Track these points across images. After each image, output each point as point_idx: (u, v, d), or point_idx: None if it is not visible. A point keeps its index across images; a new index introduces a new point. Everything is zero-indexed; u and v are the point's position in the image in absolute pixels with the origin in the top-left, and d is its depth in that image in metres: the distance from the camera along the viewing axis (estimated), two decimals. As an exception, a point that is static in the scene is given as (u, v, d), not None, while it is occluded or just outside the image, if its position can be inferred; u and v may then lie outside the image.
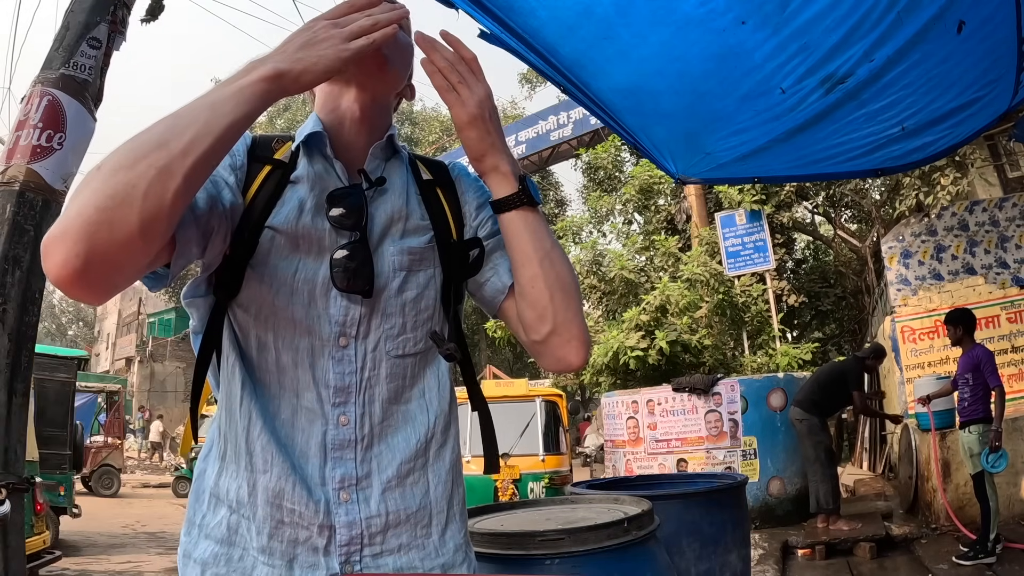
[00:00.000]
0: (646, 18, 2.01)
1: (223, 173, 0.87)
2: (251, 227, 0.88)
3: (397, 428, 0.91)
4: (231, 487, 0.88)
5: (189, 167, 0.69)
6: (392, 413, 0.91)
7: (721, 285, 9.77)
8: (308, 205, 0.90)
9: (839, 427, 12.04)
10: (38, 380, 6.74)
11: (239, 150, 0.91)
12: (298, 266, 0.88)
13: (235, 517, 0.87)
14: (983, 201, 7.40)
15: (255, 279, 0.87)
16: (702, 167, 3.08)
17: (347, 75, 0.91)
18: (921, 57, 2.21)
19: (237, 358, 0.89)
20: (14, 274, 1.77)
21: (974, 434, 4.46)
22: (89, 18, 1.93)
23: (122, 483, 13.81)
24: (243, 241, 0.87)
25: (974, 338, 4.70)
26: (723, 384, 6.44)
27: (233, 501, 0.87)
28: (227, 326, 0.90)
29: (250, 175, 0.91)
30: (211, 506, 0.90)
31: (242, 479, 0.87)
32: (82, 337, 46.14)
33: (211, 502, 0.90)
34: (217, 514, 0.89)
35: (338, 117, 0.95)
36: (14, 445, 1.69)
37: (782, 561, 5.01)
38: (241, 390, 0.88)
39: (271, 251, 0.88)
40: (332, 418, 0.88)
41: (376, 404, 0.90)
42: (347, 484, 0.87)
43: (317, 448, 0.87)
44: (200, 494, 0.91)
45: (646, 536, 1.74)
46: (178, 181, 0.68)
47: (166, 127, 0.71)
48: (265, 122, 26.72)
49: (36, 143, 1.81)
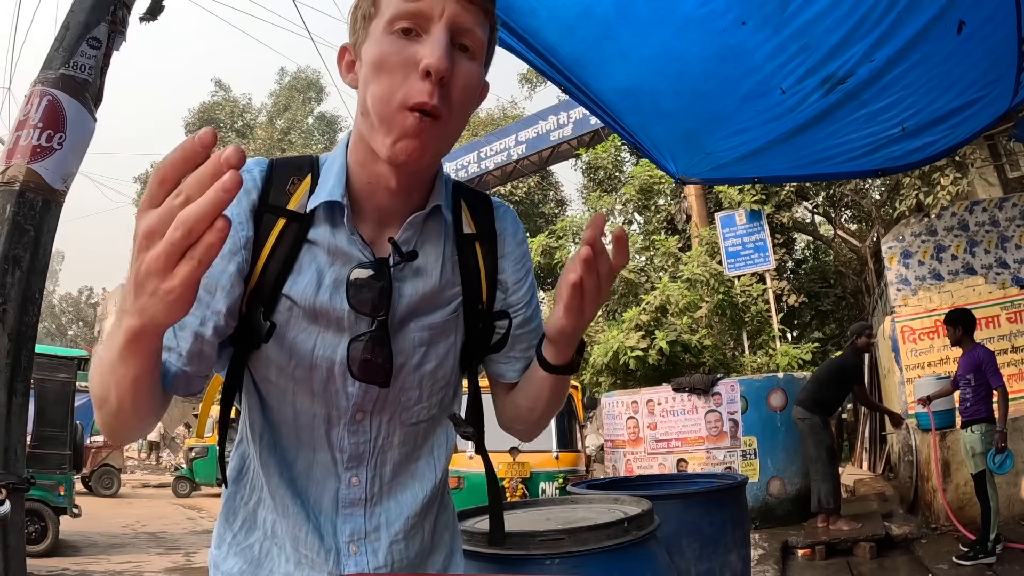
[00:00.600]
0: (646, 18, 2.01)
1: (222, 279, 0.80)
2: (267, 291, 0.83)
3: (406, 486, 0.93)
4: (267, 518, 0.91)
5: (129, 410, 0.71)
6: (402, 472, 0.93)
7: (721, 285, 9.77)
8: (327, 280, 0.84)
9: (839, 427, 12.04)
10: (38, 380, 6.74)
11: (242, 210, 0.82)
12: (316, 341, 0.85)
13: (268, 543, 0.91)
14: (983, 201, 7.40)
15: (274, 343, 0.84)
16: (702, 167, 3.07)
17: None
18: (921, 57, 2.21)
19: (257, 403, 0.90)
20: (14, 274, 1.77)
21: (976, 434, 4.46)
22: (89, 18, 1.93)
23: (122, 483, 13.81)
24: (260, 302, 0.83)
25: (974, 338, 4.69)
26: (723, 384, 6.44)
27: (268, 531, 0.91)
28: (248, 373, 0.89)
29: (263, 229, 0.83)
30: (245, 528, 0.92)
31: (274, 515, 0.90)
32: (82, 337, 46.14)
33: (246, 524, 0.92)
34: (251, 536, 0.92)
35: (372, 176, 0.83)
36: (14, 445, 1.69)
37: (782, 561, 5.01)
38: (262, 433, 0.90)
39: (289, 321, 0.84)
40: (344, 478, 0.90)
41: (387, 467, 0.92)
42: (356, 538, 0.90)
43: (330, 502, 0.90)
44: (233, 513, 0.93)
45: (646, 536, 1.74)
46: (129, 416, 0.72)
47: (95, 385, 0.73)
48: (265, 122, 26.74)
49: (36, 143, 1.81)
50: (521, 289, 0.97)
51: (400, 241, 0.85)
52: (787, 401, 6.22)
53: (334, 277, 0.84)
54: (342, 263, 0.84)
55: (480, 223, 0.94)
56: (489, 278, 0.94)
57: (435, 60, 0.74)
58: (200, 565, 6.86)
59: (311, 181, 0.86)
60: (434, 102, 0.74)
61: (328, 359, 0.85)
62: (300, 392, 0.87)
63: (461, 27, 0.77)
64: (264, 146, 24.44)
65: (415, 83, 0.75)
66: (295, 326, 0.84)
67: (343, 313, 0.84)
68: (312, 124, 27.99)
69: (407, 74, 0.76)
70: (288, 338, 0.84)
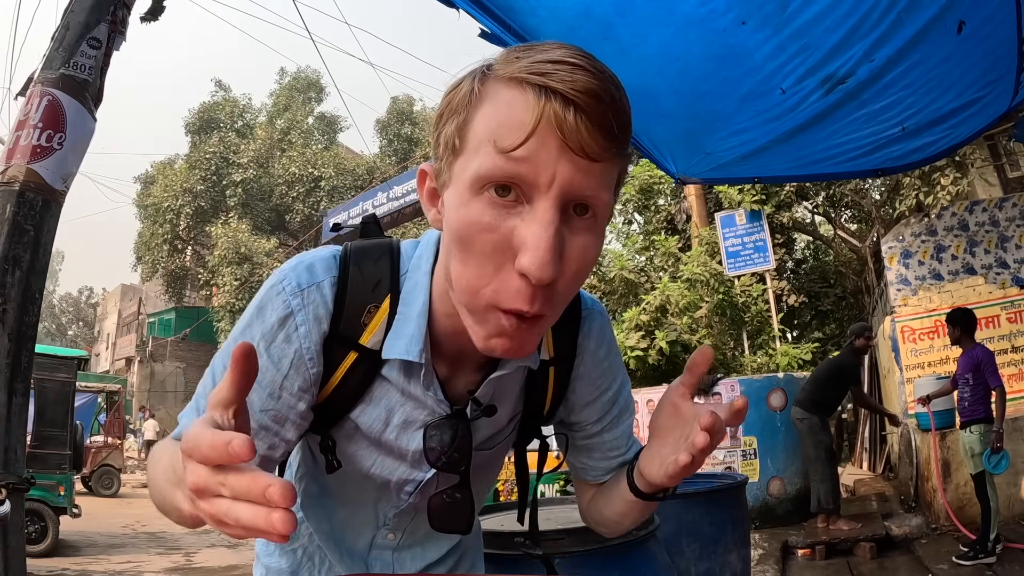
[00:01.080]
0: (646, 18, 2.01)
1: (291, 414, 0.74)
2: (334, 412, 0.79)
3: (432, 537, 0.96)
4: (309, 532, 0.96)
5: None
6: (433, 532, 0.92)
7: (721, 285, 9.76)
8: (395, 419, 0.79)
9: (839, 427, 12.04)
10: (38, 380, 6.73)
11: (312, 344, 0.73)
12: (375, 462, 0.82)
13: (311, 548, 0.97)
14: (983, 201, 7.40)
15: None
16: (702, 167, 3.07)
17: None
18: (921, 57, 2.21)
19: (310, 460, 0.92)
20: (14, 274, 1.77)
21: (975, 434, 4.45)
22: (89, 18, 1.93)
23: (122, 483, 13.81)
24: (325, 419, 0.79)
25: (974, 338, 4.69)
26: (723, 384, 6.44)
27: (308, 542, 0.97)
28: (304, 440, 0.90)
29: (333, 358, 0.75)
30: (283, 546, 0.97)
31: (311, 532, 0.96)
32: (82, 337, 46.14)
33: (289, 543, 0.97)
34: (294, 543, 0.97)
35: (459, 329, 0.69)
36: (14, 445, 1.69)
37: (782, 561, 5.01)
38: (308, 486, 0.94)
39: (352, 438, 0.81)
40: (381, 534, 0.93)
41: (421, 530, 0.93)
42: (385, 567, 0.94)
43: (364, 545, 0.94)
44: None
45: (646, 536, 1.74)
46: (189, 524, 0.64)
47: (157, 498, 0.66)
48: (265, 122, 26.73)
49: (36, 143, 1.81)
50: (588, 409, 0.88)
51: (480, 396, 0.78)
52: (787, 401, 6.22)
53: (404, 418, 0.78)
54: (414, 405, 0.78)
55: (561, 344, 0.83)
56: (555, 398, 0.87)
57: (536, 268, 0.57)
58: (200, 565, 6.86)
59: (388, 310, 0.74)
60: (535, 310, 0.60)
61: (384, 477, 0.84)
62: (353, 480, 0.87)
63: (579, 196, 0.59)
64: (264, 146, 24.44)
65: (511, 279, 0.59)
66: (357, 443, 0.81)
67: (407, 452, 0.81)
68: (312, 124, 27.98)
69: (500, 262, 0.60)
70: (348, 451, 0.82)
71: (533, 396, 0.85)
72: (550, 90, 0.56)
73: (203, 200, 23.77)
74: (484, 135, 0.59)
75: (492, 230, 0.58)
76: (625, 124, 0.60)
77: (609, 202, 0.62)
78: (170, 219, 23.76)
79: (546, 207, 0.57)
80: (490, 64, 0.63)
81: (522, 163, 0.57)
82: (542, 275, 0.57)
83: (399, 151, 26.15)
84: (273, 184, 23.86)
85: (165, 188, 24.04)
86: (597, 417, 0.88)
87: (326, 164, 23.72)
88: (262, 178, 23.97)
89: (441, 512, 0.81)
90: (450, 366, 0.78)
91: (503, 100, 0.59)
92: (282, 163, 23.99)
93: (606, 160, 0.59)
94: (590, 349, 0.85)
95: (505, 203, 0.59)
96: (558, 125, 0.56)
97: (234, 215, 23.37)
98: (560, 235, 0.58)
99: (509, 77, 0.59)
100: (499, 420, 0.83)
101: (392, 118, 26.76)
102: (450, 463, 0.77)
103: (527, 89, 0.58)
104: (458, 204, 0.61)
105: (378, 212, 15.68)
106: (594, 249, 0.62)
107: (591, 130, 0.57)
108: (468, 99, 0.61)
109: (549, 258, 0.57)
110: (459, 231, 0.60)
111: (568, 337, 0.83)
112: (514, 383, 0.82)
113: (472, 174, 0.59)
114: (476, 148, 0.59)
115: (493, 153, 0.57)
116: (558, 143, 0.56)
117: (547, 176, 0.57)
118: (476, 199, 0.59)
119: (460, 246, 0.61)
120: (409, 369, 0.75)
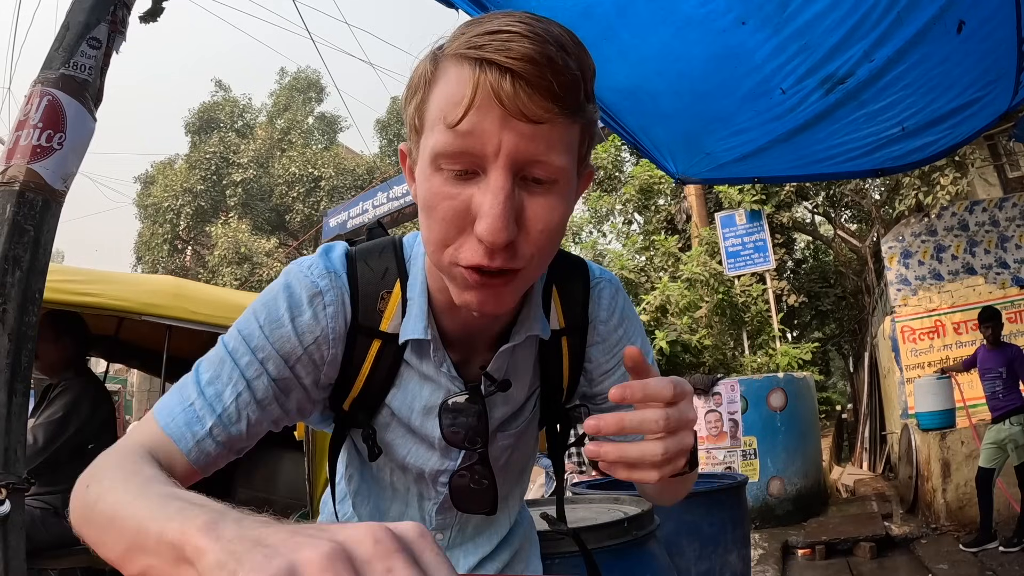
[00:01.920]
0: (646, 18, 2.01)
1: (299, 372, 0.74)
2: (371, 400, 0.81)
3: (482, 532, 0.95)
4: None
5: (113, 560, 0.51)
6: (482, 526, 0.95)
7: (721, 285, 9.76)
8: (418, 405, 0.81)
9: (839, 427, 12.04)
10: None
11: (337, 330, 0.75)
12: (411, 450, 0.85)
13: None
14: (983, 201, 7.40)
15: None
16: (702, 167, 3.07)
17: None
18: (921, 57, 2.21)
19: (357, 460, 0.92)
20: (14, 274, 1.77)
21: (1018, 427, 4.51)
22: (89, 18, 1.93)
23: (122, 483, 13.80)
24: (363, 408, 0.82)
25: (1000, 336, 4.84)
26: (723, 384, 6.44)
27: None
28: (350, 438, 0.90)
29: (358, 349, 0.77)
30: None
31: None
32: (82, 337, 46.08)
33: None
34: None
35: (452, 302, 0.71)
36: (14, 445, 1.69)
37: (782, 561, 5.02)
38: (359, 486, 0.92)
39: (389, 426, 0.83)
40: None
41: (469, 528, 0.93)
42: None
43: None
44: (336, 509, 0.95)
45: (646, 536, 1.74)
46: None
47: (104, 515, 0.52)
48: (265, 122, 26.72)
49: (36, 143, 1.81)
50: (608, 379, 0.87)
51: (492, 370, 0.79)
52: (787, 401, 6.22)
53: (424, 403, 0.81)
54: (432, 389, 0.80)
55: (570, 313, 0.84)
56: (572, 371, 0.87)
57: (489, 233, 0.59)
58: (200, 565, 6.84)
59: (401, 295, 0.78)
60: (496, 264, 0.62)
61: (418, 467, 0.85)
62: (396, 471, 0.88)
63: (529, 160, 0.61)
64: (264, 146, 24.44)
65: (470, 240, 0.62)
66: (393, 431, 0.84)
67: (434, 439, 0.82)
68: (312, 124, 27.98)
69: (461, 226, 0.62)
70: (386, 439, 0.84)
71: (549, 370, 0.85)
72: (485, 61, 0.58)
73: (203, 200, 23.76)
74: (436, 113, 0.61)
75: (452, 198, 0.61)
76: (568, 83, 0.59)
77: (564, 165, 0.62)
78: (170, 219, 23.75)
79: (497, 175, 0.60)
80: (441, 43, 0.65)
81: (468, 137, 0.59)
82: (495, 239, 0.59)
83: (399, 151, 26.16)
84: (273, 184, 23.85)
85: (165, 188, 24.03)
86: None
87: (326, 164, 23.71)
88: (262, 178, 23.97)
89: (463, 492, 0.82)
90: (462, 347, 0.80)
91: (449, 78, 0.61)
92: (282, 163, 23.98)
93: (551, 122, 0.59)
94: (601, 318, 0.86)
95: (462, 177, 0.61)
96: (495, 94, 0.57)
97: (234, 215, 23.37)
98: (512, 200, 0.60)
99: (452, 54, 0.61)
100: (516, 398, 0.84)
101: (392, 118, 26.77)
102: (467, 441, 0.78)
103: (464, 64, 0.60)
104: (423, 179, 0.64)
105: (378, 212, 15.63)
106: (558, 209, 0.64)
107: (530, 94, 0.58)
108: (422, 80, 0.64)
109: (501, 224, 0.59)
110: (425, 202, 0.64)
111: (576, 303, 0.85)
112: (527, 357, 0.83)
113: (429, 151, 0.62)
114: (431, 126, 0.62)
115: (443, 130, 0.60)
116: (500, 112, 0.58)
117: (493, 146, 0.59)
118: (436, 173, 0.62)
119: (426, 213, 0.64)
120: (421, 349, 0.78)
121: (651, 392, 0.58)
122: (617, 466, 0.61)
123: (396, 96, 27.64)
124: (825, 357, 13.96)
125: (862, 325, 12.33)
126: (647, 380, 0.59)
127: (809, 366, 9.07)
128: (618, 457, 0.59)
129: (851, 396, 14.12)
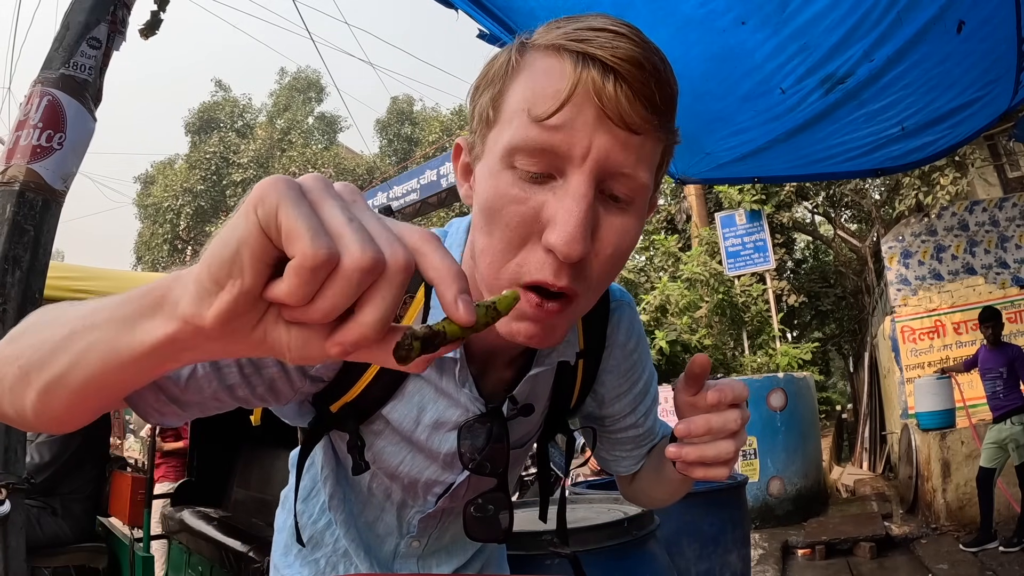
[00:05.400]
0: (646, 18, 2.01)
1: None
2: (366, 407, 0.74)
3: (457, 542, 0.94)
4: (338, 539, 0.90)
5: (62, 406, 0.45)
6: (457, 536, 0.91)
7: (721, 285, 9.76)
8: (426, 418, 0.74)
9: (839, 427, 12.04)
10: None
11: None
12: (405, 459, 0.78)
13: (335, 558, 0.91)
14: (983, 201, 7.40)
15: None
16: (702, 167, 3.07)
17: None
18: (921, 57, 2.21)
19: (333, 462, 0.84)
20: (14, 274, 1.77)
21: (1020, 426, 4.52)
22: (89, 18, 1.93)
23: (122, 483, 13.79)
24: (355, 414, 0.74)
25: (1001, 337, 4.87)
26: (723, 384, 6.44)
27: (338, 550, 0.91)
28: (328, 438, 0.83)
29: None
30: (312, 544, 0.91)
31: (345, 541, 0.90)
32: (82, 337, 46.08)
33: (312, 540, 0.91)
34: (316, 552, 0.91)
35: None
36: (14, 445, 1.69)
37: (782, 561, 5.02)
38: (333, 489, 0.85)
39: (381, 435, 0.76)
40: (405, 542, 0.90)
41: (446, 536, 0.92)
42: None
43: (388, 554, 0.90)
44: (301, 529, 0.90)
45: (646, 536, 1.74)
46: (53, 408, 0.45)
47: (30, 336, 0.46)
48: (265, 122, 26.73)
49: (36, 143, 1.81)
50: (619, 402, 0.86)
51: (517, 394, 0.74)
52: (787, 401, 6.21)
53: (435, 417, 0.74)
54: (447, 404, 0.74)
55: (590, 336, 0.80)
56: (582, 392, 0.83)
57: (564, 243, 0.52)
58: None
59: (424, 299, 0.69)
60: (561, 284, 0.55)
61: (412, 477, 0.79)
62: (378, 477, 0.83)
63: (615, 171, 0.55)
64: (264, 146, 24.44)
65: (535, 253, 0.55)
66: (386, 439, 0.77)
67: (439, 454, 0.77)
68: (312, 124, 27.98)
69: (527, 235, 0.55)
70: (376, 447, 0.77)
71: (562, 390, 0.81)
72: (589, 56, 0.53)
73: (203, 200, 23.78)
74: (518, 105, 0.55)
75: (521, 202, 0.55)
76: (668, 97, 0.55)
77: (648, 183, 0.57)
78: (170, 219, 23.77)
79: (580, 180, 0.53)
80: (530, 35, 0.60)
81: (556, 132, 0.53)
82: (570, 251, 0.52)
83: (399, 151, 26.16)
84: (273, 184, 23.88)
85: (165, 188, 24.06)
86: (630, 410, 0.87)
87: (326, 164, 23.72)
88: (262, 178, 23.98)
89: (477, 521, 0.78)
90: (481, 362, 0.74)
91: (540, 69, 0.56)
92: (282, 163, 23.98)
93: (647, 133, 0.54)
94: (619, 341, 0.83)
95: (536, 180, 0.55)
96: (596, 93, 0.52)
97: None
98: (593, 211, 0.54)
99: (547, 45, 0.56)
100: (534, 420, 0.80)
101: (392, 118, 26.77)
102: (485, 466, 0.73)
103: (564, 56, 0.54)
104: (488, 176, 0.58)
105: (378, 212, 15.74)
106: (633, 232, 0.58)
107: (632, 99, 0.53)
108: (504, 69, 0.59)
109: (579, 234, 0.52)
110: (487, 203, 0.57)
111: (598, 329, 0.80)
112: (547, 378, 0.78)
113: (504, 145, 0.55)
114: (510, 119, 0.56)
115: (527, 122, 0.54)
116: (596, 112, 0.53)
117: (582, 147, 0.53)
118: (507, 171, 0.56)
119: (487, 218, 0.57)
120: (442, 364, 0.71)
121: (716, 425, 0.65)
122: (695, 466, 0.66)
123: (396, 96, 27.65)
124: (825, 357, 13.95)
125: (862, 325, 12.33)
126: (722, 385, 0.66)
127: (809, 366, 9.07)
128: (698, 457, 0.65)
129: (851, 396, 14.12)
